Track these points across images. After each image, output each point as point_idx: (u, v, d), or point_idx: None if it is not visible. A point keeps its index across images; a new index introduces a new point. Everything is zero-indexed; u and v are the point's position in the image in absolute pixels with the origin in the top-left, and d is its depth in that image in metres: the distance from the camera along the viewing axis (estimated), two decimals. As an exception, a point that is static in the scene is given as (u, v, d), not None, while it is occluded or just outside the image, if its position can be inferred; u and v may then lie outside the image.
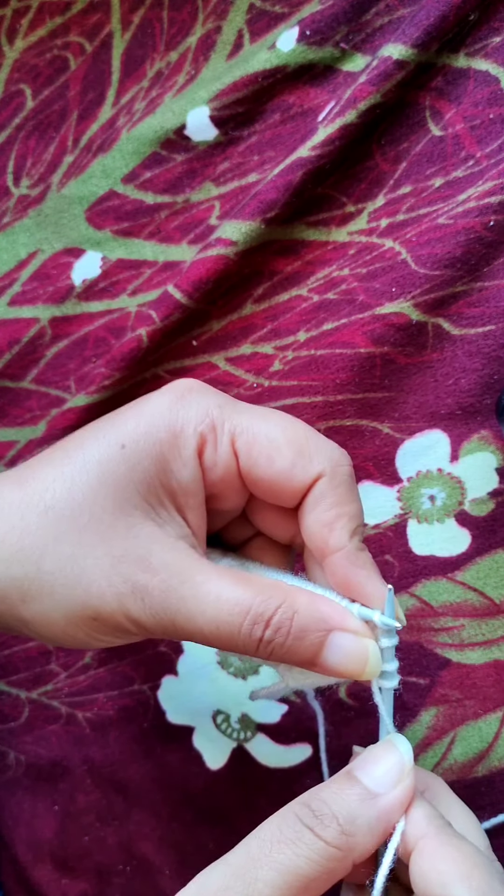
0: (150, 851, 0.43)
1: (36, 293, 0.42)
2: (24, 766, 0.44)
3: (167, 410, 0.28)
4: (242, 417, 0.28)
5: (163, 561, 0.27)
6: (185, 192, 0.40)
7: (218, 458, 0.28)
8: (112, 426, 0.28)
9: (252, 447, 0.28)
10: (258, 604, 0.26)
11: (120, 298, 0.41)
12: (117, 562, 0.26)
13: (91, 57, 0.40)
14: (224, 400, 0.29)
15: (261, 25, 0.38)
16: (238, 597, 0.26)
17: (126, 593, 0.26)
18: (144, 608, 0.26)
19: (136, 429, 0.27)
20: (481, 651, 0.39)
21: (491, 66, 0.36)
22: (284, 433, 0.28)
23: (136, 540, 0.27)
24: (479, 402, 0.37)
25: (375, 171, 0.38)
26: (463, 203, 0.36)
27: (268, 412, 0.29)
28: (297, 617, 0.26)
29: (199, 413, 0.28)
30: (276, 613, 0.26)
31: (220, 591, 0.26)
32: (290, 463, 0.27)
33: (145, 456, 0.27)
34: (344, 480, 0.28)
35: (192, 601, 0.26)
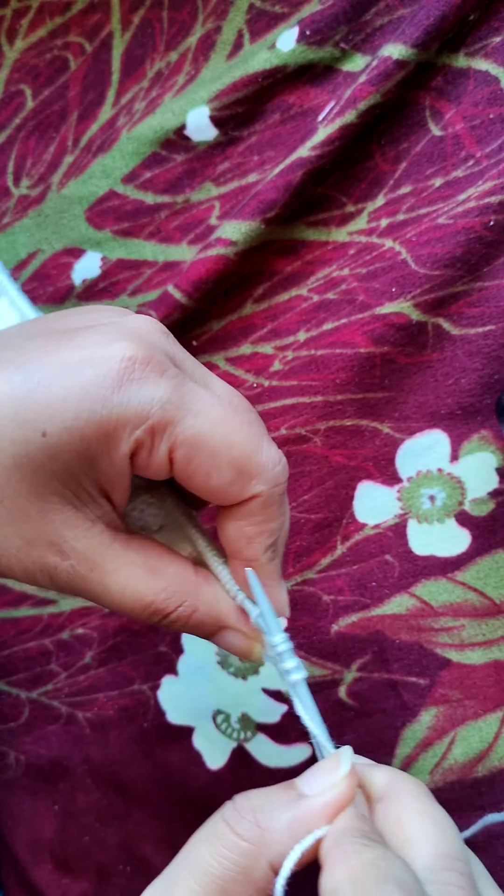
0: (150, 851, 0.43)
1: (36, 293, 0.42)
2: (24, 765, 0.44)
3: (101, 402, 0.24)
4: (187, 422, 0.25)
5: (73, 548, 0.26)
6: (185, 193, 0.40)
7: (151, 462, 0.25)
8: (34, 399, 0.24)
9: (190, 461, 0.25)
10: (160, 601, 0.27)
11: (120, 298, 0.41)
12: (27, 544, 0.26)
13: (91, 57, 0.40)
14: (171, 390, 0.24)
15: (261, 25, 0.38)
16: (142, 592, 0.27)
17: (34, 571, 0.26)
18: (52, 584, 0.27)
19: (62, 417, 0.24)
20: (481, 651, 0.39)
21: (491, 65, 0.36)
22: (230, 449, 0.25)
23: (49, 525, 0.26)
24: (479, 401, 0.37)
25: (375, 171, 0.38)
26: (463, 203, 0.36)
27: (217, 411, 0.25)
28: (195, 615, 0.27)
29: (140, 413, 0.24)
30: (176, 611, 0.27)
31: (126, 584, 0.27)
32: (228, 483, 0.26)
33: (69, 450, 0.24)
34: (276, 500, 0.27)
35: (99, 587, 0.27)
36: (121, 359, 0.24)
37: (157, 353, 0.25)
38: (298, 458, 0.40)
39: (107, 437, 0.24)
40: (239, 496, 0.26)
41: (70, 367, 0.24)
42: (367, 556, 0.39)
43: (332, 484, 0.39)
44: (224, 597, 0.28)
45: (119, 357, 0.24)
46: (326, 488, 0.39)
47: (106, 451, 0.25)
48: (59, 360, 0.24)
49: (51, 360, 0.24)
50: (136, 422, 0.24)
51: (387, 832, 0.24)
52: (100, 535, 0.27)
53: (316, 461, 0.39)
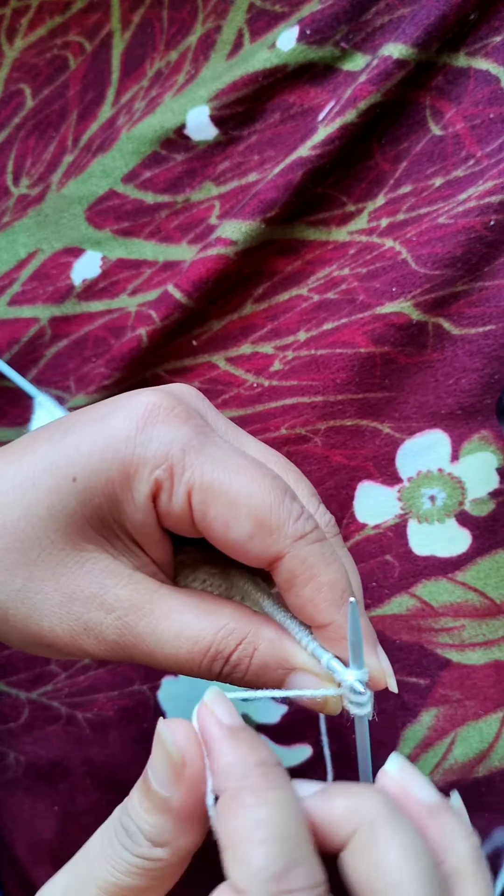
0: (150, 852, 0.43)
1: (36, 293, 0.42)
2: (23, 766, 0.44)
3: (125, 442, 0.24)
4: (206, 466, 0.24)
5: (118, 597, 0.25)
6: (185, 192, 0.40)
7: (172, 507, 0.25)
8: (65, 450, 0.25)
9: (208, 508, 0.24)
10: (219, 640, 0.25)
11: (120, 298, 0.41)
12: (68, 600, 0.25)
13: (91, 56, 0.40)
14: (192, 435, 0.25)
15: (261, 25, 0.38)
16: (199, 633, 0.25)
17: (78, 631, 0.25)
18: (98, 644, 0.25)
19: (89, 459, 0.25)
20: (482, 651, 0.39)
21: (491, 65, 0.36)
22: (248, 500, 0.24)
23: (88, 576, 0.25)
24: (479, 401, 0.37)
25: (376, 170, 0.38)
26: (463, 202, 0.36)
27: (238, 464, 0.25)
28: (257, 654, 0.25)
29: (159, 453, 0.24)
30: (237, 650, 0.25)
31: (180, 628, 0.25)
32: (248, 535, 0.24)
33: (98, 493, 0.25)
34: (313, 552, 0.25)
35: (151, 638, 0.25)
36: (146, 404, 0.25)
37: (185, 404, 0.26)
38: (298, 458, 0.40)
39: (128, 477, 0.24)
40: (263, 553, 0.25)
41: (100, 418, 0.25)
42: (367, 556, 0.39)
43: (333, 484, 0.39)
44: (291, 638, 0.26)
45: (144, 402, 0.25)
46: (326, 488, 0.39)
47: (129, 493, 0.25)
48: (93, 414, 0.26)
49: (86, 416, 0.26)
50: (156, 462, 0.24)
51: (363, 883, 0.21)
52: (143, 580, 0.26)
53: (316, 461, 0.39)
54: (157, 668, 0.26)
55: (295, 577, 0.25)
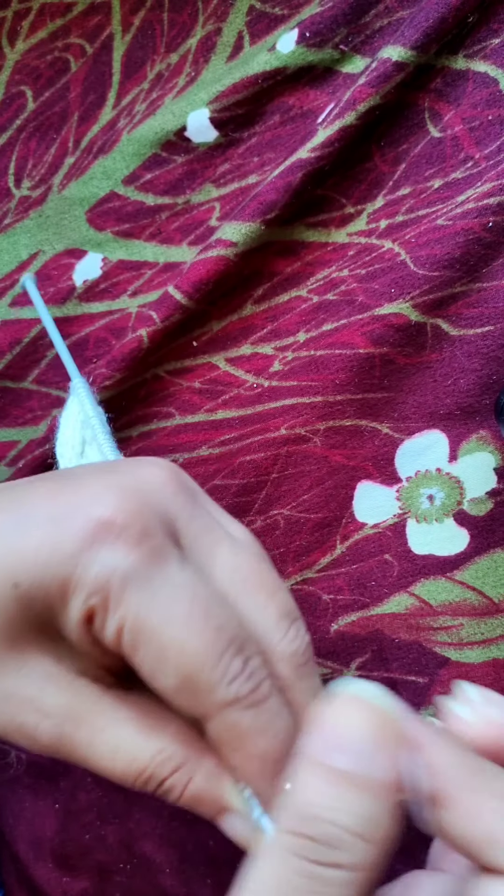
0: (151, 850, 0.43)
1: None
2: (24, 764, 0.44)
3: (68, 557, 0.23)
4: (141, 606, 0.22)
5: (56, 703, 0.24)
6: (186, 194, 0.40)
7: (104, 637, 0.23)
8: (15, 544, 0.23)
9: (136, 650, 0.23)
10: (154, 765, 0.23)
11: (121, 299, 0.41)
12: (3, 700, 0.24)
13: (92, 59, 0.40)
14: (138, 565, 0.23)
15: (260, 27, 0.38)
16: (135, 754, 0.23)
17: (12, 730, 0.24)
18: (33, 745, 0.24)
19: (33, 568, 0.23)
20: (480, 650, 0.39)
21: (490, 67, 0.36)
22: (179, 652, 0.22)
23: (26, 679, 0.24)
24: (477, 402, 0.38)
25: (375, 172, 0.38)
26: (462, 204, 0.37)
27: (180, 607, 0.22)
28: (191, 785, 0.24)
29: (98, 579, 0.22)
30: (170, 777, 0.24)
31: (117, 744, 0.24)
32: (174, 689, 0.22)
33: (38, 602, 0.23)
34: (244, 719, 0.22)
35: (87, 749, 0.24)
36: (97, 519, 0.23)
37: (144, 518, 0.24)
38: (298, 458, 0.40)
39: (65, 597, 0.23)
40: (189, 711, 0.23)
41: (53, 519, 0.24)
42: (366, 555, 0.40)
43: (332, 484, 0.40)
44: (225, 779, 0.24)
45: (96, 517, 0.23)
46: (326, 488, 0.40)
47: (66, 611, 0.23)
48: (48, 510, 0.24)
49: (41, 509, 0.24)
50: (92, 588, 0.23)
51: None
52: (85, 688, 0.24)
53: (315, 461, 0.40)
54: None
55: (221, 743, 0.23)
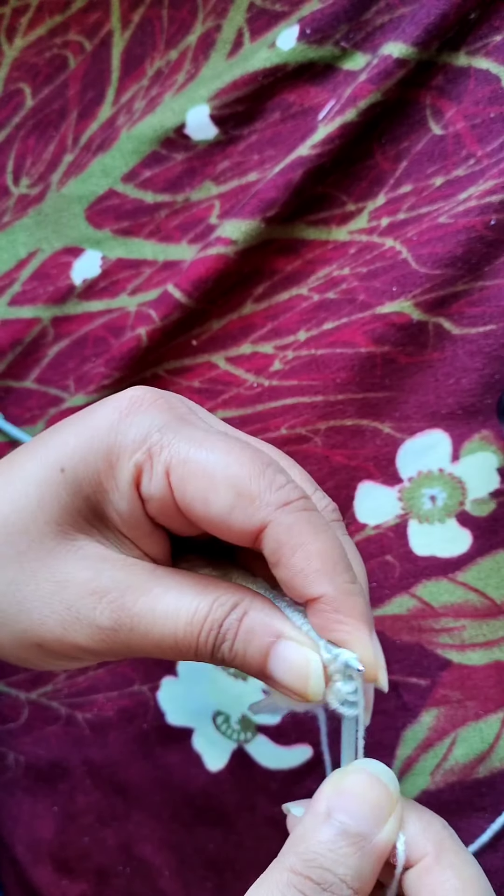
0: (150, 852, 0.43)
1: (36, 293, 0.42)
2: (23, 766, 0.44)
3: (106, 432, 0.25)
4: (182, 445, 0.24)
5: (113, 578, 0.25)
6: (185, 191, 0.40)
7: (152, 490, 0.25)
8: (54, 444, 0.26)
9: (187, 483, 0.24)
10: (214, 610, 0.24)
11: (120, 298, 0.41)
12: (60, 588, 0.25)
13: (91, 55, 0.40)
14: (169, 419, 0.25)
15: (261, 24, 0.38)
16: (197, 605, 0.24)
17: (70, 621, 0.25)
18: (92, 634, 0.25)
19: (75, 451, 0.25)
20: (482, 652, 0.38)
21: (492, 64, 0.36)
22: (225, 470, 0.24)
23: (82, 561, 0.25)
24: (480, 401, 0.37)
25: (376, 169, 0.38)
26: (464, 202, 0.36)
27: (215, 440, 0.25)
28: (246, 619, 0.24)
29: (138, 438, 0.25)
30: (228, 616, 0.24)
31: (177, 604, 0.24)
32: (229, 506, 0.24)
33: (86, 483, 0.25)
34: (300, 518, 0.24)
35: (149, 616, 0.24)
36: (129, 397, 0.26)
37: (168, 397, 0.26)
38: (298, 458, 0.39)
39: (111, 466, 0.25)
40: (246, 525, 0.24)
41: (86, 412, 0.26)
42: (367, 556, 0.39)
43: (333, 484, 0.39)
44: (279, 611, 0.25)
45: (129, 395, 0.26)
46: (327, 488, 0.39)
47: (113, 481, 0.25)
48: (81, 413, 0.26)
49: (80, 412, 0.26)
50: (135, 446, 0.24)
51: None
52: (138, 563, 0.25)
53: (316, 461, 0.39)
54: (148, 655, 0.25)
55: (281, 546, 0.24)
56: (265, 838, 0.41)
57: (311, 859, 0.22)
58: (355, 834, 0.22)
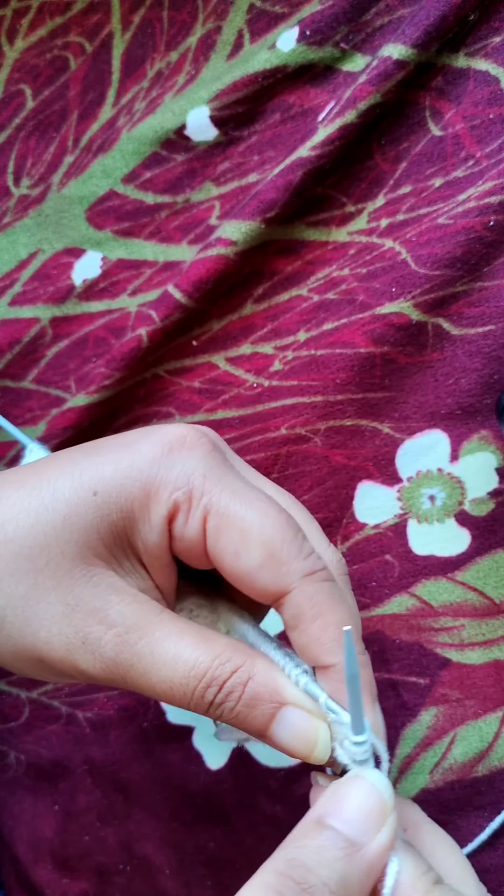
0: (151, 851, 0.43)
1: (36, 293, 0.42)
2: (24, 765, 0.44)
3: (149, 464, 0.25)
4: (223, 495, 0.25)
5: (121, 613, 0.25)
6: (186, 192, 0.40)
7: (186, 531, 0.25)
8: (91, 465, 0.26)
9: (221, 533, 0.25)
10: (215, 667, 0.25)
11: (120, 298, 0.41)
12: (71, 611, 0.25)
13: (91, 57, 0.40)
14: (213, 465, 0.26)
15: (261, 25, 0.38)
16: (196, 658, 0.25)
17: (76, 644, 0.25)
18: (94, 661, 0.25)
19: (112, 477, 0.25)
20: (481, 651, 0.39)
21: (491, 66, 0.36)
22: (261, 529, 0.25)
23: (94, 589, 0.25)
24: (479, 401, 0.37)
25: (375, 170, 0.38)
26: (463, 203, 0.36)
27: (254, 497, 0.26)
28: (250, 683, 0.25)
29: (181, 477, 0.25)
30: (231, 678, 0.25)
31: (178, 651, 0.25)
32: (258, 564, 0.25)
33: (116, 509, 0.25)
34: (322, 590, 0.25)
35: (149, 658, 0.25)
36: (175, 434, 0.26)
37: (210, 437, 0.27)
38: (298, 458, 0.40)
39: (148, 496, 0.25)
40: (271, 585, 0.25)
41: (127, 443, 0.26)
42: (367, 555, 0.39)
43: (332, 484, 0.39)
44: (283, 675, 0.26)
45: (173, 431, 0.26)
46: (326, 488, 0.39)
47: (147, 512, 0.25)
48: (119, 440, 0.27)
49: (112, 440, 0.27)
50: (177, 485, 0.25)
51: None
52: (147, 602, 0.26)
53: (316, 461, 0.39)
54: (144, 694, 0.26)
55: (302, 613, 0.25)
56: (265, 837, 0.41)
57: (295, 858, 0.22)
58: (345, 839, 0.22)
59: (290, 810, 0.41)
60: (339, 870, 0.22)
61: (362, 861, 0.22)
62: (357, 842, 0.22)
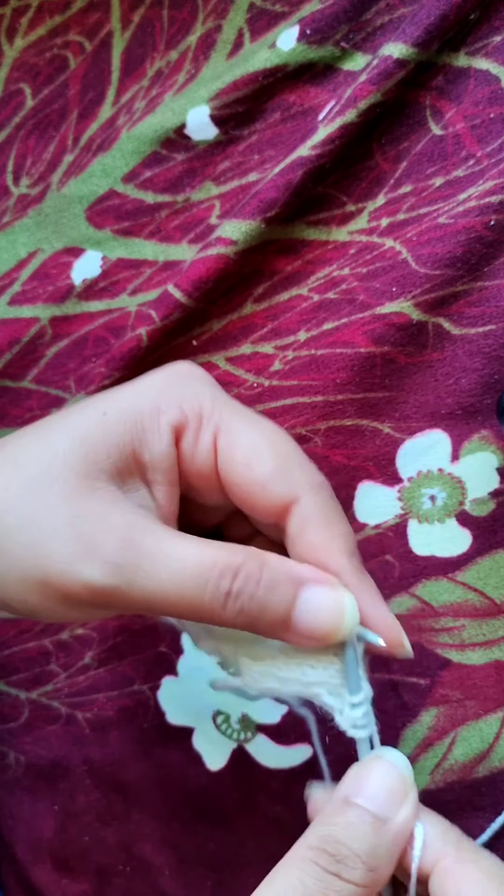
0: (150, 852, 0.43)
1: (36, 293, 0.42)
2: (23, 766, 0.44)
3: (158, 387, 0.27)
4: (232, 416, 0.27)
5: (124, 519, 0.26)
6: (186, 192, 0.40)
7: (197, 449, 0.27)
8: (103, 397, 0.28)
9: (234, 448, 0.27)
10: (225, 556, 0.25)
11: (120, 298, 0.41)
12: (74, 520, 0.25)
13: (91, 56, 0.40)
14: (220, 393, 0.28)
15: (261, 24, 0.38)
16: (205, 551, 0.25)
17: (80, 552, 0.25)
18: (100, 567, 0.25)
19: (122, 398, 0.27)
20: (482, 651, 0.39)
21: (491, 65, 0.36)
22: (271, 443, 0.27)
23: (99, 501, 0.26)
24: (479, 401, 0.37)
25: (376, 170, 0.38)
26: (463, 202, 0.36)
27: (259, 419, 0.28)
28: (266, 568, 0.25)
29: (190, 397, 0.27)
30: (245, 564, 0.25)
31: (186, 547, 0.25)
32: (270, 473, 0.26)
33: (123, 423, 0.26)
34: (329, 501, 0.27)
35: (157, 555, 0.25)
36: (184, 366, 0.29)
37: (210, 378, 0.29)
38: (299, 457, 0.40)
39: (157, 410, 0.27)
40: (282, 492, 0.26)
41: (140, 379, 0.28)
42: (367, 556, 0.39)
43: (333, 484, 0.39)
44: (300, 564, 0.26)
45: (182, 366, 0.29)
46: (327, 488, 0.39)
47: (155, 422, 0.27)
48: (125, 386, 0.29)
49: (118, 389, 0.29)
50: (187, 401, 0.27)
51: None
52: (149, 514, 0.27)
53: (316, 461, 0.39)
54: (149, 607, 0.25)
55: (310, 521, 0.26)
56: (265, 838, 0.41)
57: (327, 834, 0.24)
58: (372, 815, 0.24)
59: (290, 811, 0.41)
60: (368, 842, 0.24)
61: (389, 833, 0.24)
62: (383, 817, 0.24)
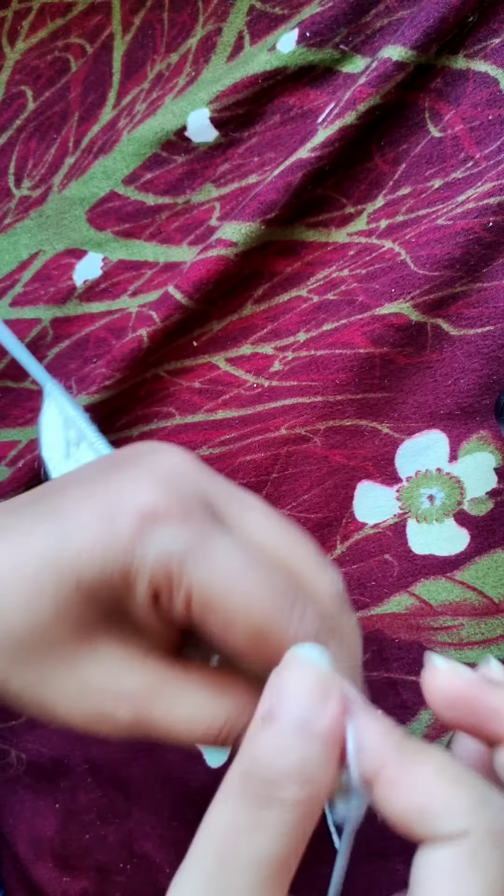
0: (151, 850, 0.43)
1: (37, 294, 0.42)
2: (25, 764, 0.45)
3: (123, 549, 0.24)
4: (203, 574, 0.24)
5: (131, 684, 0.25)
6: (186, 194, 0.40)
7: (173, 612, 0.25)
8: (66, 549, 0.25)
9: (206, 617, 0.24)
10: (233, 721, 0.25)
11: (121, 299, 0.41)
12: (83, 689, 0.25)
13: (92, 58, 0.40)
14: (192, 537, 0.24)
15: (261, 27, 0.38)
16: (213, 715, 0.25)
17: (94, 718, 0.25)
18: (115, 730, 0.25)
19: (90, 565, 0.24)
20: (480, 650, 0.39)
21: (490, 67, 0.36)
22: (246, 611, 0.24)
23: (100, 667, 0.25)
24: (478, 402, 0.38)
25: (375, 172, 0.38)
26: (462, 204, 0.37)
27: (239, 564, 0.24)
28: None
29: (158, 558, 0.24)
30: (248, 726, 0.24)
31: (194, 711, 0.25)
32: (246, 646, 0.24)
33: (102, 594, 0.25)
34: None
35: (166, 722, 0.25)
36: (142, 509, 0.24)
37: (184, 497, 0.25)
38: (298, 458, 0.40)
39: (129, 585, 0.24)
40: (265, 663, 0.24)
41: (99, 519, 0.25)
42: (366, 555, 0.40)
43: (332, 484, 0.40)
44: None
45: (140, 507, 0.24)
46: (326, 488, 0.40)
47: (132, 597, 0.25)
48: (90, 511, 0.25)
49: (83, 512, 0.25)
50: (153, 570, 0.24)
51: None
52: (155, 665, 0.26)
53: (316, 461, 0.40)
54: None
55: None
56: (265, 835, 0.41)
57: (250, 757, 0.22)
58: (292, 725, 0.21)
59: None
60: (295, 754, 0.21)
61: (316, 739, 0.21)
62: (307, 721, 0.21)
